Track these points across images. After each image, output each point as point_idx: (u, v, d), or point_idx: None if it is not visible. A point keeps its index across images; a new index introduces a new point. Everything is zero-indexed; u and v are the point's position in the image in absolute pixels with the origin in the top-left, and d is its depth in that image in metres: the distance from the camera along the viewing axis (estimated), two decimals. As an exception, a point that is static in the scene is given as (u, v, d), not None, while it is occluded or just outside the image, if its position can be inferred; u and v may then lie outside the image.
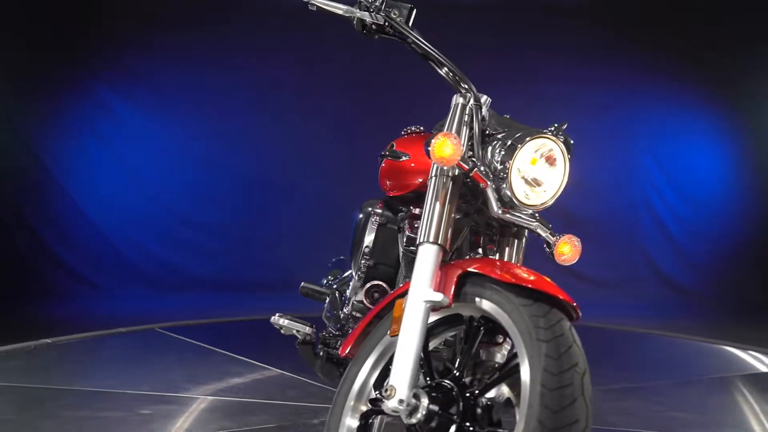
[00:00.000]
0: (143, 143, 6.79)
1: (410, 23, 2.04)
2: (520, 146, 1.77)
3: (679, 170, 7.27)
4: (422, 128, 2.40)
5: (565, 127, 2.55)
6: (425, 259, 1.69)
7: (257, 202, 6.83)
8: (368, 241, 2.39)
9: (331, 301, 2.75)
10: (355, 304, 2.32)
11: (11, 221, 6.29)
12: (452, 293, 1.64)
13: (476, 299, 1.63)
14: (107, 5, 6.64)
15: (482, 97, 1.99)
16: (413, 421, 1.54)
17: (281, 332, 2.42)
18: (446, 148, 1.68)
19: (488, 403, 1.61)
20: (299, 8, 2.14)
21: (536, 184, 1.81)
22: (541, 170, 1.81)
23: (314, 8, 2.03)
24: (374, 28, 1.99)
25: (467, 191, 1.85)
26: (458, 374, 1.62)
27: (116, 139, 6.76)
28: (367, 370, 1.78)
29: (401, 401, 1.52)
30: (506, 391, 1.62)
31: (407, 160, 2.23)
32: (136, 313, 5.37)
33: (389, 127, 2.65)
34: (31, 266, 6.20)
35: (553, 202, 1.84)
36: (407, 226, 2.23)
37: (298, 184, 6.77)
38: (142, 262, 6.62)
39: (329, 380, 2.47)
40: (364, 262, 2.38)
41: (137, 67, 6.75)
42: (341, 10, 2.00)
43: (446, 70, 1.93)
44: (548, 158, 1.83)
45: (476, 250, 2.06)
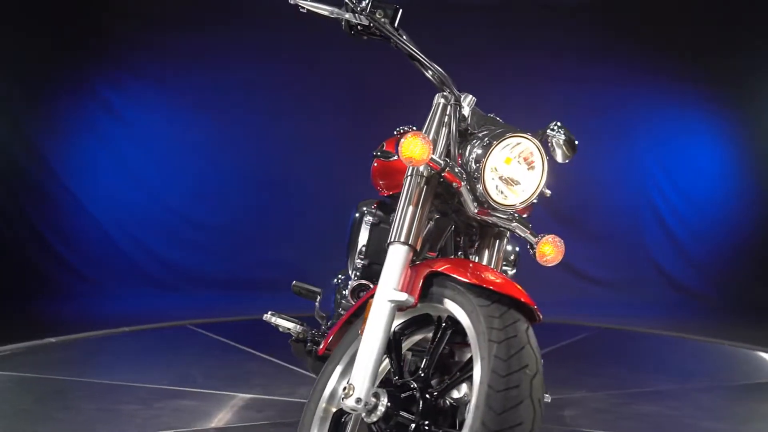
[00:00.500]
0: (147, 143, 6.82)
1: (396, 24, 2.04)
2: (494, 144, 1.76)
3: (681, 170, 7.20)
4: (414, 127, 2.39)
5: (555, 125, 2.51)
6: (393, 259, 1.69)
7: (261, 201, 6.83)
8: (362, 240, 2.40)
9: (335, 300, 2.77)
10: (343, 303, 2.34)
11: (16, 220, 6.31)
12: (418, 293, 1.64)
13: (443, 300, 1.63)
14: (111, 5, 6.66)
15: (467, 97, 1.98)
16: (373, 419, 1.54)
17: (279, 330, 2.45)
18: (415, 147, 1.67)
19: (453, 403, 1.60)
20: (298, 8, 2.18)
21: (512, 183, 1.78)
22: (516, 170, 1.78)
23: (304, 10, 2.05)
24: (360, 29, 2.00)
25: (444, 191, 1.84)
26: (423, 375, 1.62)
27: (120, 138, 6.78)
28: (341, 368, 1.79)
29: (359, 400, 1.52)
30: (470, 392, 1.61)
31: (397, 159, 2.23)
32: (138, 312, 5.39)
33: (393, 126, 2.65)
34: (34, 265, 6.23)
35: (531, 202, 1.81)
36: None
37: (301, 183, 6.76)
38: (145, 261, 6.65)
39: None
40: (358, 261, 2.38)
41: (140, 66, 6.78)
42: (327, 11, 2.01)
43: (429, 70, 1.93)
44: (525, 158, 1.80)
45: (460, 250, 2.05)
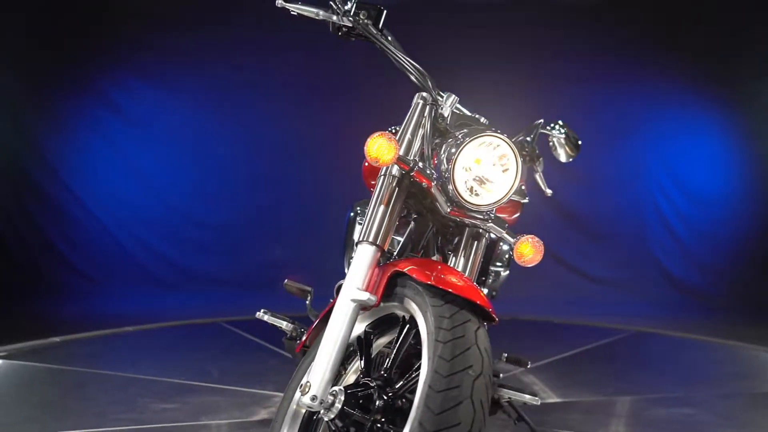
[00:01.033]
0: (151, 143, 6.86)
1: (380, 24, 2.06)
2: (465, 144, 1.75)
3: (686, 170, 7.14)
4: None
5: (554, 124, 2.49)
6: (359, 258, 1.70)
7: (265, 201, 6.84)
8: (356, 238, 2.42)
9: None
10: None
11: (19, 220, 6.37)
12: (380, 293, 1.65)
13: (404, 299, 1.64)
14: (115, 4, 6.69)
15: (449, 96, 1.98)
16: (330, 416, 1.56)
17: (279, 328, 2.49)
18: (380, 148, 1.67)
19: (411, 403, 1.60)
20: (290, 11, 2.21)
21: (485, 183, 1.77)
22: (489, 170, 1.77)
23: (295, 13, 2.08)
24: (345, 30, 2.03)
25: (418, 191, 1.84)
26: (385, 374, 1.63)
27: (124, 138, 6.83)
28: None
29: (314, 398, 1.54)
30: None
31: None
32: (141, 311, 5.44)
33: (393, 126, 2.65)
34: (38, 264, 6.31)
35: (504, 202, 1.79)
36: None
37: (305, 182, 6.77)
38: (148, 260, 6.70)
39: None
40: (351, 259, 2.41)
41: (143, 65, 6.83)
42: (314, 13, 2.04)
43: (410, 69, 1.93)
44: (499, 158, 1.79)
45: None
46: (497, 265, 2.40)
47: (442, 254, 1.97)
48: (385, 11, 2.09)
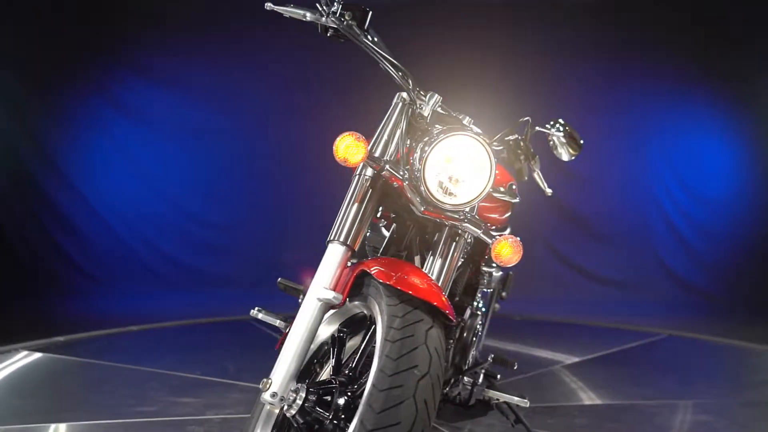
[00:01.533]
0: (157, 143, 6.88)
1: (366, 25, 2.07)
2: (436, 142, 1.74)
3: (690, 170, 7.08)
4: None
5: (552, 123, 2.45)
6: (328, 257, 1.72)
7: (271, 201, 6.83)
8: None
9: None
10: None
11: (24, 219, 6.39)
12: (346, 292, 1.66)
13: (368, 299, 1.64)
14: (121, 4, 6.72)
15: (432, 96, 1.98)
16: (291, 413, 1.58)
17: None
18: (348, 148, 1.69)
19: None
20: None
21: (458, 182, 1.76)
22: (461, 169, 1.76)
23: (288, 15, 2.11)
24: (332, 31, 2.04)
25: (393, 191, 1.85)
26: (350, 373, 1.64)
27: (128, 137, 6.85)
28: None
29: (274, 394, 1.55)
30: None
31: None
32: (148, 310, 5.47)
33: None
34: (42, 264, 6.33)
35: (477, 201, 1.78)
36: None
37: (313, 181, 6.67)
38: (153, 260, 6.72)
39: None
40: None
41: (148, 65, 6.85)
42: (300, 15, 2.07)
43: (392, 69, 1.94)
44: (473, 157, 1.77)
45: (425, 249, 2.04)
46: (492, 265, 2.38)
47: (420, 254, 1.96)
48: (370, 12, 2.09)
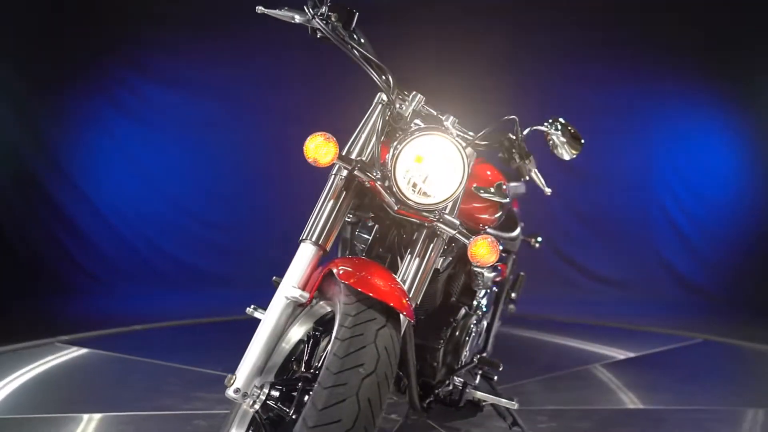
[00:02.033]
0: (159, 143, 6.86)
1: (352, 26, 2.09)
2: (406, 142, 1.75)
3: (693, 169, 6.97)
4: None
5: (550, 122, 2.40)
6: (299, 256, 1.74)
7: (276, 201, 6.78)
8: (341, 238, 2.46)
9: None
10: None
11: (25, 218, 6.36)
12: (313, 291, 1.68)
13: (333, 298, 1.66)
14: (124, 3, 6.70)
15: (415, 96, 1.99)
16: (255, 408, 1.61)
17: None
18: (317, 148, 1.71)
19: None
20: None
21: (427, 181, 1.76)
22: (431, 168, 1.75)
23: (278, 18, 2.15)
24: (320, 33, 2.07)
25: (369, 191, 1.86)
26: (315, 370, 1.65)
27: (131, 137, 6.84)
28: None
29: (237, 390, 1.58)
30: None
31: None
32: (149, 310, 5.46)
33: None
34: (43, 263, 6.30)
35: (450, 201, 1.78)
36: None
37: (316, 181, 6.72)
38: (155, 260, 6.70)
39: None
40: None
41: (152, 65, 6.84)
42: (289, 17, 2.10)
43: (372, 70, 1.95)
44: (445, 157, 1.77)
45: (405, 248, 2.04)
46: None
47: (398, 253, 1.97)
48: (357, 13, 2.12)
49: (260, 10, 2.13)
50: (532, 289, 3.67)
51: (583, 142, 2.47)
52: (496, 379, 2.47)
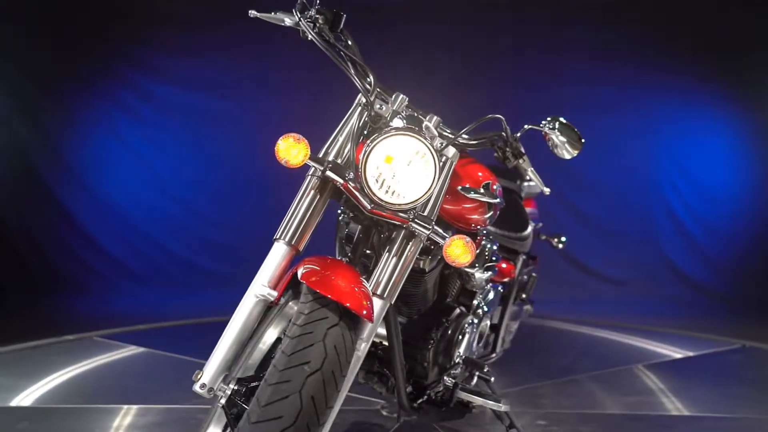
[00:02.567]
0: (164, 144, 6.87)
1: (339, 28, 2.12)
2: (376, 142, 1.76)
3: (697, 169, 6.87)
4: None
5: (546, 122, 2.35)
6: (271, 255, 1.77)
7: (282, 199, 6.79)
8: (340, 236, 2.48)
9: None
10: None
11: (31, 217, 6.35)
12: (281, 290, 1.70)
13: (299, 296, 1.68)
14: (132, 4, 6.71)
15: (398, 96, 1.99)
16: (222, 402, 1.64)
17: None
18: (287, 149, 1.74)
19: None
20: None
21: (398, 181, 1.76)
22: (402, 168, 1.76)
23: (271, 22, 2.20)
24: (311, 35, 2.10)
25: (344, 190, 1.87)
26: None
27: (137, 136, 6.83)
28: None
29: (203, 386, 1.62)
30: None
31: None
32: (152, 310, 5.46)
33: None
34: (49, 262, 6.32)
35: (422, 201, 1.78)
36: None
37: None
38: (162, 260, 6.68)
39: None
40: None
41: (159, 65, 6.83)
42: (280, 20, 2.15)
43: (353, 72, 1.97)
44: (416, 157, 1.77)
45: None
46: (474, 266, 2.34)
47: (376, 254, 1.98)
48: (344, 15, 2.14)
49: (253, 14, 2.18)
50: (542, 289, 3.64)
51: (583, 141, 2.43)
52: (493, 380, 2.45)
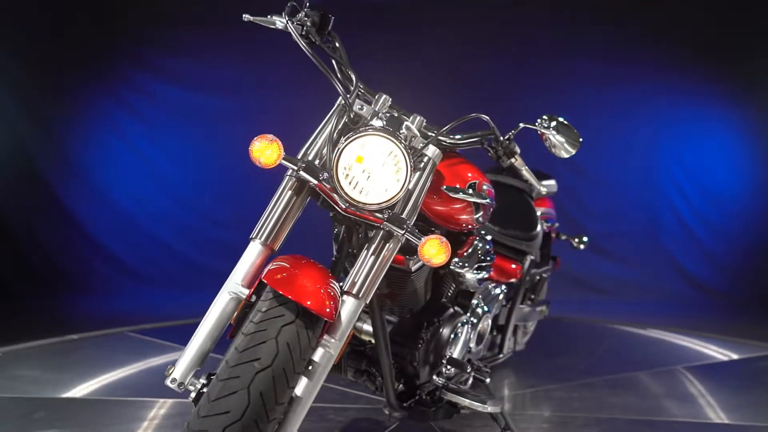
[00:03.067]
0: (167, 142, 6.82)
1: (327, 30, 2.15)
2: (347, 141, 1.78)
3: (701, 168, 6.76)
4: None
5: (541, 121, 2.31)
6: (246, 254, 1.80)
7: None
8: (337, 236, 2.51)
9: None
10: None
11: (35, 217, 6.32)
12: (252, 288, 1.73)
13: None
14: (135, 3, 6.70)
15: (380, 97, 2.01)
16: (192, 396, 1.69)
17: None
18: (260, 150, 1.78)
19: None
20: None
21: (371, 181, 1.78)
22: (371, 168, 1.77)
23: (264, 25, 2.25)
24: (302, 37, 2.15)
25: (319, 191, 1.89)
26: None
27: (139, 135, 6.81)
28: None
29: (174, 380, 1.66)
30: None
31: None
32: (155, 309, 5.46)
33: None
34: (51, 261, 6.28)
35: (394, 201, 1.79)
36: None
37: None
38: (164, 259, 6.64)
39: None
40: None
41: (161, 65, 6.81)
42: (271, 23, 2.20)
43: (334, 74, 2.01)
44: (387, 156, 1.78)
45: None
46: (463, 266, 2.33)
47: (355, 253, 1.99)
48: (332, 18, 2.17)
49: (246, 18, 2.23)
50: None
51: (581, 140, 2.39)
52: (488, 381, 2.43)
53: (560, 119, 2.32)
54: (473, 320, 2.52)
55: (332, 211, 1.97)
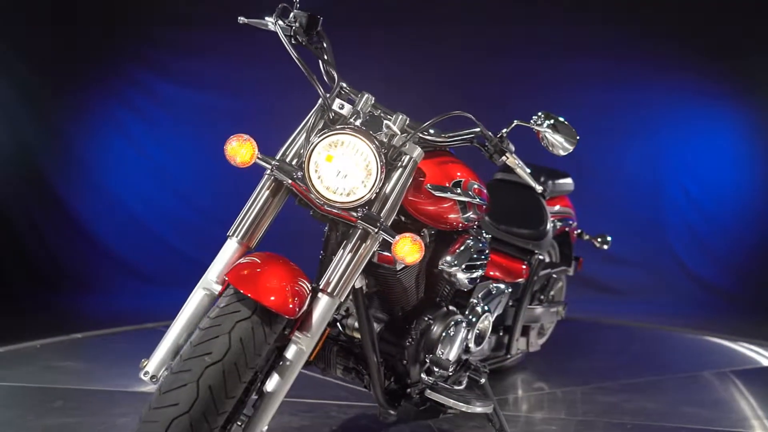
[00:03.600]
0: (171, 142, 6.74)
1: (315, 30, 2.19)
2: (317, 141, 1.81)
3: (705, 168, 6.56)
4: None
5: (536, 119, 2.26)
6: (223, 251, 1.85)
7: (289, 199, 6.56)
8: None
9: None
10: None
11: (38, 216, 6.28)
12: (224, 285, 1.77)
13: None
14: (139, 3, 6.65)
15: (363, 96, 2.03)
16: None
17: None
18: (234, 149, 1.82)
19: None
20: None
21: (344, 179, 1.80)
22: (342, 167, 1.79)
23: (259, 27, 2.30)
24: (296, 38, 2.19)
25: (294, 189, 1.92)
26: None
27: (145, 136, 6.74)
28: None
29: (146, 373, 1.71)
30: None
31: None
32: (156, 309, 5.22)
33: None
34: (54, 260, 6.20)
35: (365, 200, 1.80)
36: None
37: None
38: (167, 258, 6.54)
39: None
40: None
41: (166, 64, 6.74)
42: (264, 25, 2.24)
43: (324, 73, 2.04)
44: (358, 155, 1.80)
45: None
46: (452, 264, 2.30)
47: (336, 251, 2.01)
48: (321, 19, 2.21)
49: (242, 20, 2.29)
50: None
51: (578, 138, 2.34)
52: (483, 381, 2.41)
53: (556, 117, 2.28)
54: (472, 319, 2.49)
55: (310, 209, 2.00)
